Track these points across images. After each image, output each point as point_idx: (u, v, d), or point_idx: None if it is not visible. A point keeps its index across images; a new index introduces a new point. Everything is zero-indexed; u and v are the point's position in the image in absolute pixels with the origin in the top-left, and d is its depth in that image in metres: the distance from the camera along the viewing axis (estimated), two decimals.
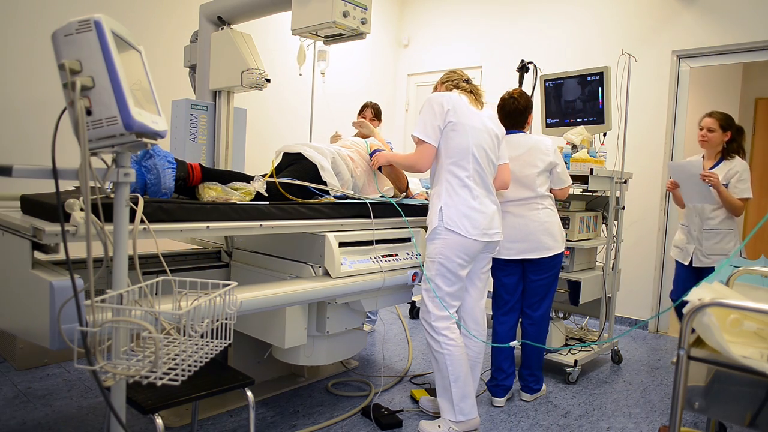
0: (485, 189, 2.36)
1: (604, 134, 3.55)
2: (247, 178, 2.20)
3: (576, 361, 3.13)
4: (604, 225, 3.51)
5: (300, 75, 4.47)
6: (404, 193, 2.99)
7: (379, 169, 2.88)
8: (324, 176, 2.49)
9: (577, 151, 3.26)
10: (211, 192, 2.03)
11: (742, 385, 1.06)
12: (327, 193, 2.48)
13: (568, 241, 3.06)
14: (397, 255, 2.52)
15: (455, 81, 2.46)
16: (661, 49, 4.32)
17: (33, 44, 3.28)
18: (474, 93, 2.44)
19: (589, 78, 3.42)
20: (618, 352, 3.57)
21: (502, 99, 2.80)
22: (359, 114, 3.89)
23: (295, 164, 2.53)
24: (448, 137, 2.31)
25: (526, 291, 2.83)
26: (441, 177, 2.35)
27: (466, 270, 2.37)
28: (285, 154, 2.64)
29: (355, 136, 3.61)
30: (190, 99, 2.97)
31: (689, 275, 3.10)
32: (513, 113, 2.75)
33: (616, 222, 3.44)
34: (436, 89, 2.53)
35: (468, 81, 2.48)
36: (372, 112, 3.82)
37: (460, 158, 2.31)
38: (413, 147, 2.43)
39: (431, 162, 2.38)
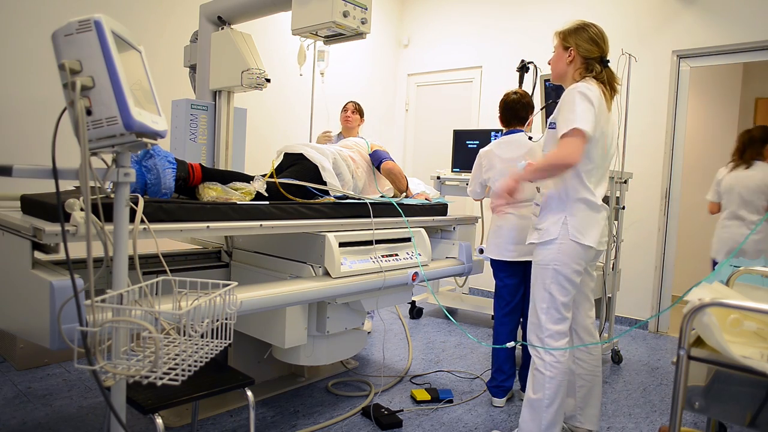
0: (602, 195, 2.18)
1: None
2: (248, 178, 2.20)
3: None
4: None
5: (300, 75, 4.47)
6: (404, 193, 3.00)
7: (378, 169, 2.89)
8: (325, 177, 2.49)
9: None
10: (211, 192, 2.03)
11: (742, 385, 1.06)
12: (327, 193, 2.48)
13: None
14: (397, 255, 2.52)
15: (594, 60, 2.14)
16: (661, 49, 4.32)
17: (33, 44, 3.28)
18: (611, 87, 2.13)
19: None
20: (618, 352, 3.57)
21: (505, 95, 2.84)
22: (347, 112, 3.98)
23: (296, 164, 2.53)
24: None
25: (527, 292, 2.82)
26: (564, 182, 2.13)
27: (581, 278, 2.18)
28: (286, 155, 2.65)
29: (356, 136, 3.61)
30: (190, 99, 2.96)
31: None
32: (515, 105, 2.79)
33: (616, 222, 3.44)
34: (568, 51, 2.27)
35: (605, 61, 2.15)
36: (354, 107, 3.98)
37: (592, 167, 2.10)
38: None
39: (582, 153, 2.00)
